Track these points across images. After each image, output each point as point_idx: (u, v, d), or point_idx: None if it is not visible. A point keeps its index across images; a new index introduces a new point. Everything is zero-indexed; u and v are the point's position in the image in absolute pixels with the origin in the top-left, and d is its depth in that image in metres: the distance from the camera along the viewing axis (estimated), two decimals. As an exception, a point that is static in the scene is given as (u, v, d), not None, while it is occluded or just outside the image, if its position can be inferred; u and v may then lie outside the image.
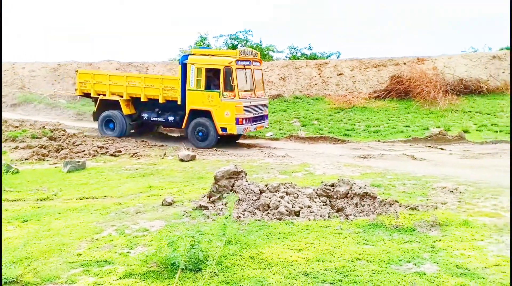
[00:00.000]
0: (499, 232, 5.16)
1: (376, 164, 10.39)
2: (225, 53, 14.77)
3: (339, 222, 5.81)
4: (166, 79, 14.88)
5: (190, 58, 13.98)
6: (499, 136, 14.12)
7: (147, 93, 14.71)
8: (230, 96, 13.37)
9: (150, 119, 15.08)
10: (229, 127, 13.44)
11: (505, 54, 21.29)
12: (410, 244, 4.83)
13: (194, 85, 13.71)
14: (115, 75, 16.29)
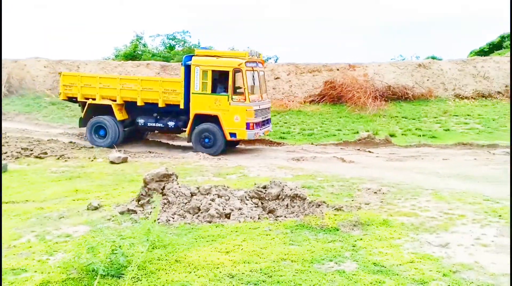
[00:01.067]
0: (415, 231, 5.49)
1: (308, 166, 10.68)
2: (232, 54, 13.78)
3: (268, 223, 5.91)
4: (167, 81, 13.89)
5: (194, 59, 13.05)
6: (422, 140, 15.03)
7: (144, 96, 13.58)
8: (239, 100, 12.72)
9: (147, 125, 13.95)
10: (239, 132, 12.74)
11: (429, 62, 22.73)
12: (333, 244, 5.02)
13: (199, 88, 12.85)
14: (107, 77, 15.13)
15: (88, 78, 14.47)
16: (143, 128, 14.38)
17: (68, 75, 14.90)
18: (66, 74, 15.07)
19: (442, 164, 10.87)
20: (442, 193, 7.46)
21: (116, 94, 13.78)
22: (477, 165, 10.68)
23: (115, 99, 13.81)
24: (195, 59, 13.07)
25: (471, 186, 8.20)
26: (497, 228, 5.55)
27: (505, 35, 29.04)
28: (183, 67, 13.22)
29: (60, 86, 14.68)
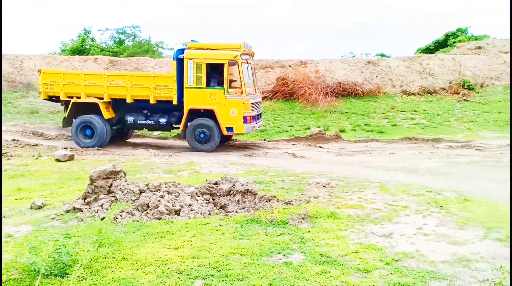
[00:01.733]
0: (361, 222, 5.66)
1: (260, 162, 10.75)
2: (226, 47, 13.19)
3: (218, 218, 5.89)
4: (158, 77, 13.35)
5: (187, 52, 12.64)
6: (370, 135, 15.53)
7: (134, 93, 13.11)
8: (236, 93, 12.49)
9: (137, 123, 13.40)
10: (236, 126, 12.52)
11: (378, 59, 23.46)
12: (282, 237, 5.08)
13: (193, 83, 12.52)
14: (92, 74, 14.27)
15: (71, 75, 13.68)
16: (133, 126, 13.90)
17: (49, 73, 13.92)
18: (47, 71, 14.06)
19: (389, 158, 11.27)
20: (388, 186, 7.73)
21: (102, 91, 13.21)
22: (422, 158, 11.15)
23: (101, 96, 13.25)
24: (187, 52, 12.65)
25: (415, 178, 8.55)
26: (438, 218, 5.81)
27: (449, 34, 30.47)
28: (175, 60, 12.81)
29: (40, 84, 13.76)
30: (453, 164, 10.27)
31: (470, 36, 29.30)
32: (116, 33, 26.50)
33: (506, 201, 6.66)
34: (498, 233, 5.11)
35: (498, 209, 6.16)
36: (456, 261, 4.36)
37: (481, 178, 8.58)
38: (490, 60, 23.07)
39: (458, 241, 4.93)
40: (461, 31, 30.02)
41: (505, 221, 5.54)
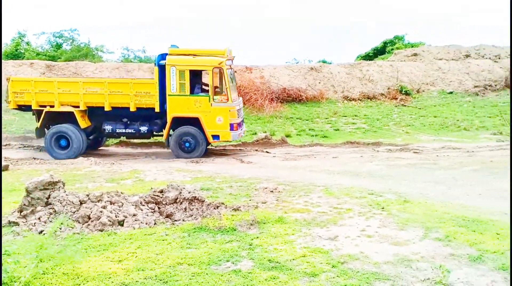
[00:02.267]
0: (308, 226, 5.74)
1: (207, 168, 10.65)
2: (209, 52, 12.74)
3: (165, 228, 5.75)
4: (138, 83, 12.61)
5: (169, 59, 12.08)
6: (315, 140, 15.83)
7: (112, 101, 12.38)
8: (222, 100, 12.11)
9: (115, 132, 12.70)
10: (222, 134, 12.16)
11: (320, 66, 24.06)
12: (231, 244, 5.04)
13: (176, 90, 11.98)
14: (67, 81, 13.31)
15: (44, 83, 12.76)
16: (111, 135, 13.21)
17: (19, 81, 12.94)
18: (16, 79, 13.07)
19: (333, 162, 11.55)
20: (332, 189, 7.91)
21: (78, 99, 12.44)
22: (363, 162, 11.52)
23: (77, 105, 12.48)
24: (170, 58, 12.14)
25: (357, 181, 8.82)
26: (380, 220, 6.01)
27: (387, 41, 31.84)
28: (157, 67, 12.29)
29: (9, 93, 12.67)
30: (393, 166, 10.70)
31: (407, 43, 30.77)
32: (53, 36, 25.35)
33: (442, 202, 7.03)
34: (437, 233, 5.36)
35: (436, 210, 6.47)
36: (398, 262, 4.52)
37: (418, 180, 9.00)
38: (425, 67, 24.33)
39: (399, 241, 5.12)
40: (398, 39, 31.42)
41: (443, 221, 5.83)
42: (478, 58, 25.52)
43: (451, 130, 17.21)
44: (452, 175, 9.50)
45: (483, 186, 8.37)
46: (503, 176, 9.22)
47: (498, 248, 4.77)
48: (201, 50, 12.74)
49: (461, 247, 4.85)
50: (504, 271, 4.20)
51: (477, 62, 24.84)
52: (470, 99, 21.38)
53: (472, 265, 4.38)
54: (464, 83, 23.21)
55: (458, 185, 8.52)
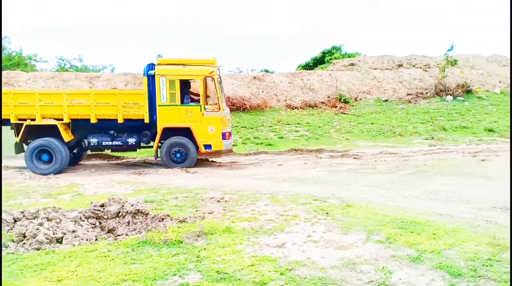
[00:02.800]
0: (255, 235, 5.75)
1: (151, 179, 10.40)
2: (198, 62, 12.61)
3: (107, 244, 5.53)
4: (126, 94, 12.27)
5: (158, 69, 11.89)
6: (260, 148, 15.97)
7: (98, 112, 11.96)
8: (213, 109, 12.07)
9: (102, 144, 12.24)
10: (214, 143, 12.14)
11: (263, 75, 24.37)
12: (177, 257, 4.93)
13: (166, 100, 11.83)
14: (49, 93, 12.57)
15: (24, 95, 12.03)
16: (96, 148, 12.64)
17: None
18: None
19: (278, 169, 11.69)
20: (278, 196, 8.00)
21: (61, 111, 11.93)
22: (307, 168, 11.76)
23: (60, 117, 11.94)
24: (159, 68, 11.98)
25: (302, 188, 8.98)
26: (325, 225, 6.14)
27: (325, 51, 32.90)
28: (146, 77, 12.08)
29: None
30: (335, 172, 11.01)
31: (344, 53, 31.97)
32: (-20, 44, 23.85)
33: (382, 205, 7.31)
34: (378, 236, 5.56)
35: (376, 213, 6.71)
36: (344, 265, 4.63)
37: (359, 185, 9.32)
38: (362, 76, 25.37)
39: (344, 245, 5.26)
40: (336, 49, 32.60)
41: (383, 223, 6.06)
42: (410, 68, 27.02)
43: (387, 136, 18.03)
44: (390, 179, 9.92)
45: (418, 188, 8.81)
46: (436, 179, 9.78)
47: (434, 248, 5.02)
48: (189, 60, 12.64)
49: (401, 249, 5.06)
50: (441, 269, 4.42)
51: (409, 71, 26.28)
52: (404, 107, 22.53)
53: (412, 265, 4.58)
54: (397, 91, 24.44)
55: (396, 188, 8.91)
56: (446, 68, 24.96)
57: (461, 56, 27.84)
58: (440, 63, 25.95)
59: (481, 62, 28.49)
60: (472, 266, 4.47)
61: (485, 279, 4.17)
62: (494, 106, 22.90)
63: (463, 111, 21.83)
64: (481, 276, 4.22)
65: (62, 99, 12.02)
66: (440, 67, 25.15)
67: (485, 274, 4.27)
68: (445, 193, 8.36)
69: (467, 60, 28.02)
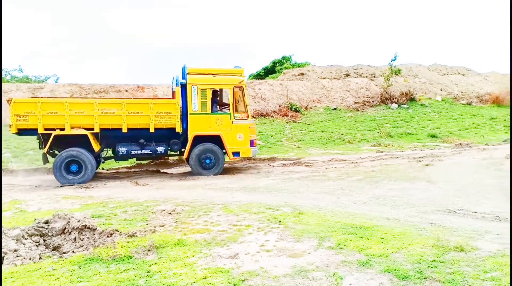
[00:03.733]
0: (208, 246, 5.68)
1: (98, 193, 10.06)
2: (227, 72, 13.14)
3: (52, 262, 5.27)
4: (159, 103, 12.27)
5: (190, 78, 12.24)
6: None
7: (130, 122, 11.94)
8: (242, 117, 12.62)
9: (131, 153, 12.33)
10: (242, 150, 12.64)
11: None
12: (127, 273, 4.78)
13: (198, 109, 12.26)
14: (79, 102, 12.22)
15: (53, 105, 11.69)
16: (124, 157, 12.60)
17: (23, 102, 11.72)
18: (19, 101, 11.77)
19: (231, 179, 11.67)
20: (231, 206, 7.96)
21: (92, 121, 11.80)
22: (260, 177, 11.82)
23: (90, 127, 11.82)
24: (191, 77, 12.33)
25: (255, 197, 9.00)
26: (278, 233, 6.17)
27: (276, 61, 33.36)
28: (179, 86, 12.39)
29: (10, 116, 11.48)
30: (287, 180, 11.14)
31: (294, 63, 32.57)
32: None
33: (332, 211, 7.45)
34: (329, 242, 5.66)
35: (327, 219, 6.83)
36: (296, 273, 4.66)
37: (311, 192, 9.47)
38: (311, 85, 25.93)
39: (296, 253, 5.30)
40: (286, 59, 33.15)
41: (334, 230, 6.18)
42: (356, 77, 27.94)
43: (337, 143, 18.50)
44: (340, 185, 10.16)
45: (367, 194, 9.07)
46: (383, 184, 10.12)
47: (383, 252, 5.17)
48: (218, 69, 13.11)
49: (351, 254, 5.17)
50: (389, 273, 4.55)
51: (356, 81, 27.17)
52: (352, 115, 23.24)
53: (362, 270, 4.68)
54: (346, 99, 25.19)
55: (346, 194, 9.13)
56: (390, 77, 26.04)
57: (404, 66, 29.15)
58: (385, 73, 27.03)
59: (423, 71, 29.95)
60: (418, 268, 4.64)
61: (430, 280, 4.33)
62: (436, 113, 24.10)
63: (408, 118, 22.82)
64: (427, 278, 4.38)
65: (93, 108, 11.89)
66: (385, 76, 26.20)
67: (430, 275, 4.43)
68: (392, 197, 8.66)
69: (410, 69, 29.36)
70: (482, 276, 4.36)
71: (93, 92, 20.85)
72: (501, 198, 8.52)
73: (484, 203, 8.08)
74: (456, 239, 5.46)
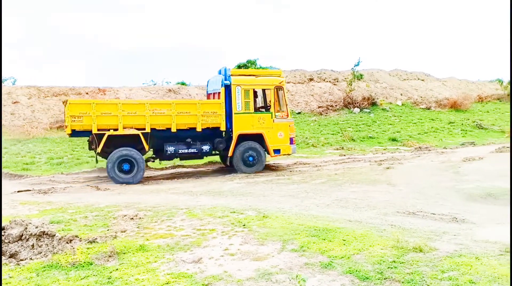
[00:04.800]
0: (171, 251, 5.61)
1: (58, 198, 9.76)
2: (266, 73, 14.06)
3: (8, 270, 5.06)
4: (205, 103, 13.06)
5: (234, 79, 12.88)
6: (177, 162, 15.69)
7: (179, 122, 12.45)
8: (282, 116, 13.27)
9: (178, 153, 12.66)
10: (283, 148, 13.25)
11: (178, 88, 24.14)
12: (87, 280, 4.66)
13: (241, 108, 12.87)
14: (131, 103, 13.30)
15: (107, 106, 12.14)
16: (172, 157, 12.97)
17: (77, 104, 12.18)
18: (74, 102, 12.29)
19: (195, 183, 11.59)
20: (195, 210, 7.90)
21: (144, 121, 12.20)
22: (225, 181, 11.80)
23: (141, 127, 12.19)
24: (235, 78, 12.92)
25: (220, 201, 8.98)
26: (242, 237, 6.17)
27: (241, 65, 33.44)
28: (224, 87, 12.88)
29: (65, 118, 11.87)
30: (252, 184, 11.17)
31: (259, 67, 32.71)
32: None
33: (296, 214, 7.53)
34: (293, 244, 5.71)
35: (291, 222, 6.90)
36: (260, 276, 4.68)
37: (276, 195, 9.54)
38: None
39: (260, 256, 5.32)
40: (251, 63, 33.26)
41: (297, 232, 6.24)
42: (320, 81, 28.39)
43: (301, 147, 18.69)
44: (304, 188, 10.28)
45: (330, 196, 9.23)
46: (346, 187, 10.32)
47: (345, 254, 5.27)
48: (258, 71, 14.21)
49: (314, 256, 5.24)
50: (351, 274, 4.65)
51: (319, 85, 27.61)
52: (316, 118, 23.59)
53: (324, 271, 4.76)
54: (310, 104, 25.54)
55: (310, 197, 9.25)
56: (353, 82, 26.62)
57: (366, 71, 29.87)
58: (347, 77, 27.61)
59: (384, 76, 30.79)
60: (379, 269, 4.75)
61: (390, 280, 4.45)
62: (396, 117, 24.81)
63: (369, 122, 23.38)
64: (387, 278, 4.50)
65: (144, 109, 12.27)
66: (348, 81, 26.76)
67: (390, 276, 4.55)
68: (354, 200, 8.84)
69: (371, 74, 30.11)
70: (439, 276, 4.52)
71: (52, 95, 20.25)
72: (458, 200, 8.87)
73: (442, 204, 8.38)
74: (415, 240, 5.63)
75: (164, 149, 12.63)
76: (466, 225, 6.72)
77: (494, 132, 22.51)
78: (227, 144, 13.04)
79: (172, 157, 12.99)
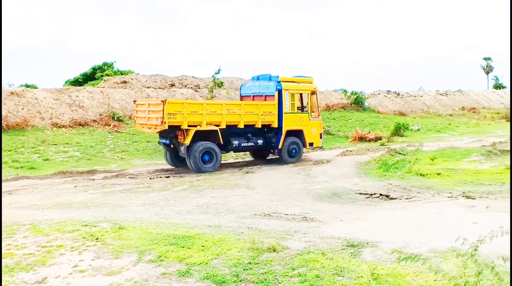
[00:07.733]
0: (10, 273, 4.95)
1: None
2: (301, 80, 16.53)
3: None
4: (264, 105, 15.29)
5: (284, 85, 15.39)
6: (20, 172, 14.06)
7: (245, 119, 14.73)
8: (315, 116, 16.29)
9: (241, 146, 14.96)
10: (315, 142, 16.35)
11: (23, 91, 21.75)
12: None
13: (289, 109, 15.52)
14: (212, 103, 15.66)
15: (194, 105, 14.38)
16: (236, 149, 15.14)
17: (174, 103, 14.18)
18: (172, 101, 14.35)
19: (41, 196, 10.49)
20: (41, 226, 7.14)
21: (221, 119, 14.26)
22: (77, 192, 10.92)
23: (218, 124, 14.22)
24: (285, 84, 15.48)
25: (70, 214, 8.27)
26: (94, 252, 5.76)
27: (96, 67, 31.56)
28: (277, 91, 15.35)
29: (164, 115, 13.31)
30: (108, 194, 10.54)
31: (116, 70, 31.32)
32: None
33: (155, 223, 7.32)
34: (150, 255, 5.51)
35: (150, 232, 6.66)
36: (113, 292, 4.40)
37: (134, 204, 9.14)
38: (135, 94, 25.25)
39: (113, 270, 5.02)
40: (107, 66, 31.66)
41: (156, 242, 6.05)
42: (181, 87, 28.31)
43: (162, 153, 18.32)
44: (165, 196, 10.07)
45: (191, 203, 9.19)
46: (207, 193, 10.41)
47: (203, 260, 5.26)
48: (295, 78, 16.45)
49: (172, 265, 5.12)
50: (208, 279, 4.65)
51: (181, 91, 27.52)
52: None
53: (181, 280, 4.68)
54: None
55: (170, 204, 9.08)
56: (214, 89, 27.09)
57: (226, 79, 30.68)
58: (208, 84, 28.00)
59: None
60: (235, 271, 4.84)
61: (245, 282, 4.56)
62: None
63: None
64: (242, 280, 4.60)
65: (222, 108, 14.38)
66: (209, 88, 27.15)
67: (245, 277, 4.67)
68: (215, 205, 8.94)
69: (232, 82, 31.05)
70: (290, 273, 4.78)
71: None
72: (308, 200, 9.58)
73: (294, 205, 8.96)
74: (269, 240, 5.89)
75: (230, 143, 14.63)
76: (315, 224, 7.27)
77: (340, 137, 24.87)
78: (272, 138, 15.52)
79: (235, 149, 15.17)
